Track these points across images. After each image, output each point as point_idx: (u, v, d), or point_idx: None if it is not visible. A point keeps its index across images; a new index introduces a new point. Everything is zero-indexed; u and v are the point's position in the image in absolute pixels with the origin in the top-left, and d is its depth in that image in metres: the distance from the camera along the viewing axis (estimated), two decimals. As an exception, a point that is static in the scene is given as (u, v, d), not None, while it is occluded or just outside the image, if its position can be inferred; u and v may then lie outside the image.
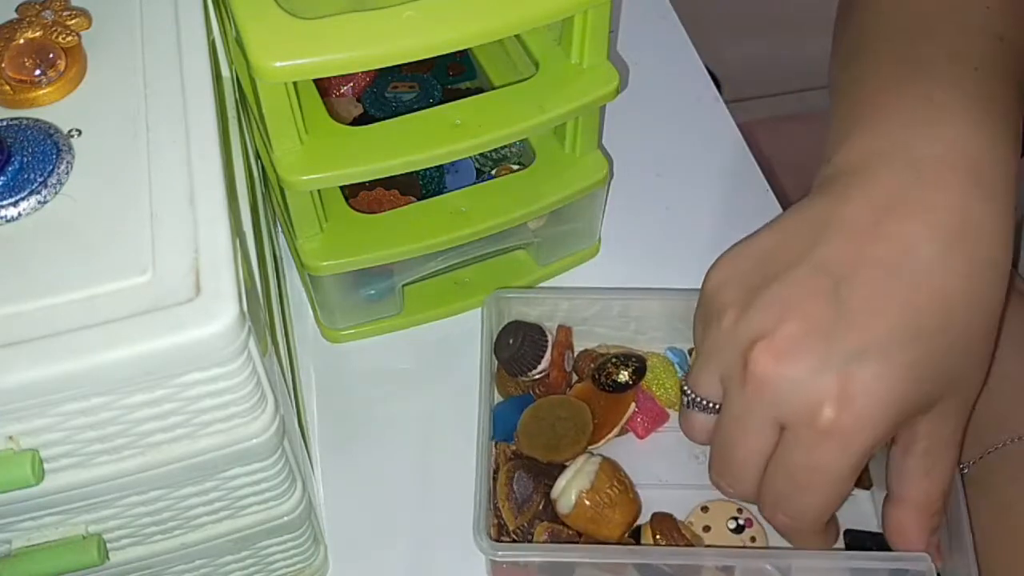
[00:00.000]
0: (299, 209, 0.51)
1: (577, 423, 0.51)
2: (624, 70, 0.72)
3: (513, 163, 0.62)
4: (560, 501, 0.49)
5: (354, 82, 0.64)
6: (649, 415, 0.54)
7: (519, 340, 0.53)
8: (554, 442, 0.51)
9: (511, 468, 0.50)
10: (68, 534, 0.38)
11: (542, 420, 0.52)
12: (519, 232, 0.58)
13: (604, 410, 0.53)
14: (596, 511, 0.48)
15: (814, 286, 0.39)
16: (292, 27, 0.43)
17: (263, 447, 0.38)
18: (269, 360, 0.40)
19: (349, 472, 0.54)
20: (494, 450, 0.51)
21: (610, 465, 0.50)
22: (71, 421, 0.33)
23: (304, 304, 0.61)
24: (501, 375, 0.55)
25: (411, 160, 0.49)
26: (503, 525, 0.49)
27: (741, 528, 0.50)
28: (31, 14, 0.40)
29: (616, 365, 0.52)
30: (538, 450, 0.51)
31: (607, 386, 0.53)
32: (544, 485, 0.50)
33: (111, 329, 0.32)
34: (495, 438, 0.52)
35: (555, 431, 0.51)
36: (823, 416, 0.38)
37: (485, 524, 0.46)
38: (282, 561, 0.47)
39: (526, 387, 0.55)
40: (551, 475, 0.50)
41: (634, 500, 0.50)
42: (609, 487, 0.49)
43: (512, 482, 0.50)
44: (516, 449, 0.52)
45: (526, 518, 0.49)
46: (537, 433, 0.51)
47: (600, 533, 0.49)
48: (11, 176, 0.36)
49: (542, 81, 0.52)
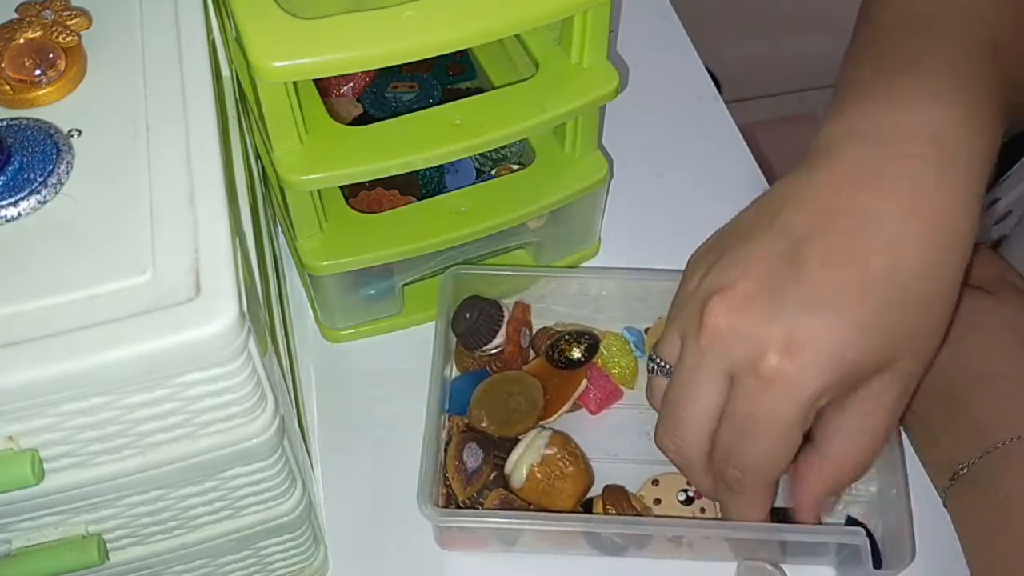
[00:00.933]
0: (299, 209, 0.51)
1: (529, 398, 0.52)
2: (624, 70, 0.72)
3: (513, 163, 0.62)
4: (513, 476, 0.50)
5: (354, 82, 0.64)
6: (602, 392, 0.55)
7: (475, 315, 0.54)
8: (506, 416, 0.52)
9: (462, 440, 0.51)
10: (68, 534, 0.38)
11: (495, 395, 0.53)
12: (519, 232, 0.58)
13: (556, 386, 0.54)
14: (548, 483, 0.49)
15: (774, 248, 0.41)
16: (292, 27, 0.43)
17: (263, 447, 0.38)
18: (269, 360, 0.40)
19: (349, 472, 0.54)
20: (447, 423, 0.53)
21: (561, 438, 0.51)
22: (71, 421, 0.33)
23: (304, 304, 0.61)
24: (459, 350, 0.57)
25: (411, 160, 0.49)
26: (452, 495, 0.50)
27: (691, 500, 0.51)
28: (31, 14, 0.40)
29: (569, 342, 0.54)
30: (490, 424, 0.52)
31: (560, 362, 0.54)
32: (495, 457, 0.50)
33: (111, 329, 0.32)
34: (449, 411, 0.53)
35: (507, 406, 0.52)
36: (767, 363, 0.39)
37: (430, 493, 0.47)
38: (282, 561, 0.47)
39: (483, 362, 0.56)
40: (503, 448, 0.51)
41: (586, 471, 0.51)
42: (560, 459, 0.50)
43: (462, 453, 0.50)
44: (469, 422, 0.53)
45: (475, 488, 0.50)
46: (490, 407, 0.52)
47: (554, 504, 0.49)
48: (11, 176, 0.36)
49: (542, 81, 0.52)
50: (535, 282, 0.57)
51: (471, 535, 0.50)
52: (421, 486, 0.47)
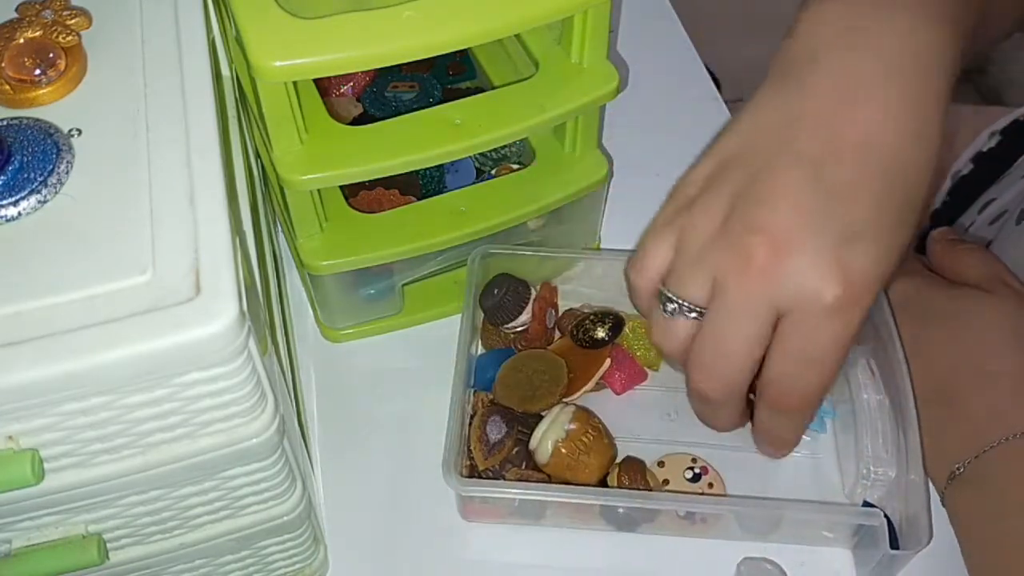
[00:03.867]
0: (299, 208, 0.51)
1: (552, 375, 0.53)
2: (624, 70, 0.72)
3: (513, 163, 0.62)
4: (538, 451, 0.50)
5: (354, 82, 0.64)
6: (627, 373, 0.56)
7: (503, 291, 0.56)
8: (530, 393, 0.53)
9: (486, 413, 0.52)
10: (68, 534, 0.38)
11: (519, 372, 0.54)
12: (519, 232, 0.58)
13: (580, 364, 0.55)
14: (572, 458, 0.50)
15: (798, 177, 0.42)
16: (292, 27, 0.43)
17: (263, 447, 0.38)
18: (269, 360, 0.40)
19: (349, 472, 0.54)
20: (473, 398, 0.54)
21: (584, 413, 0.51)
22: (71, 421, 0.33)
23: (304, 303, 0.61)
24: (486, 328, 0.58)
25: (411, 160, 0.49)
26: (474, 466, 0.51)
27: (698, 476, 0.52)
28: (31, 14, 0.40)
29: (593, 322, 0.55)
30: (514, 400, 0.53)
31: (584, 342, 0.55)
32: (517, 431, 0.51)
33: (111, 329, 0.32)
34: (475, 387, 0.54)
35: (531, 383, 0.53)
36: (827, 296, 0.40)
37: (455, 463, 0.48)
38: (282, 561, 0.47)
39: (508, 341, 0.57)
40: (526, 423, 0.52)
41: (609, 445, 0.52)
42: (584, 434, 0.50)
43: (485, 425, 0.51)
44: (493, 398, 0.54)
45: (496, 460, 0.51)
46: (514, 385, 0.53)
47: (578, 479, 0.50)
48: (11, 175, 0.36)
49: (542, 81, 0.52)
50: (561, 264, 0.58)
51: (492, 506, 0.51)
52: (447, 458, 0.47)
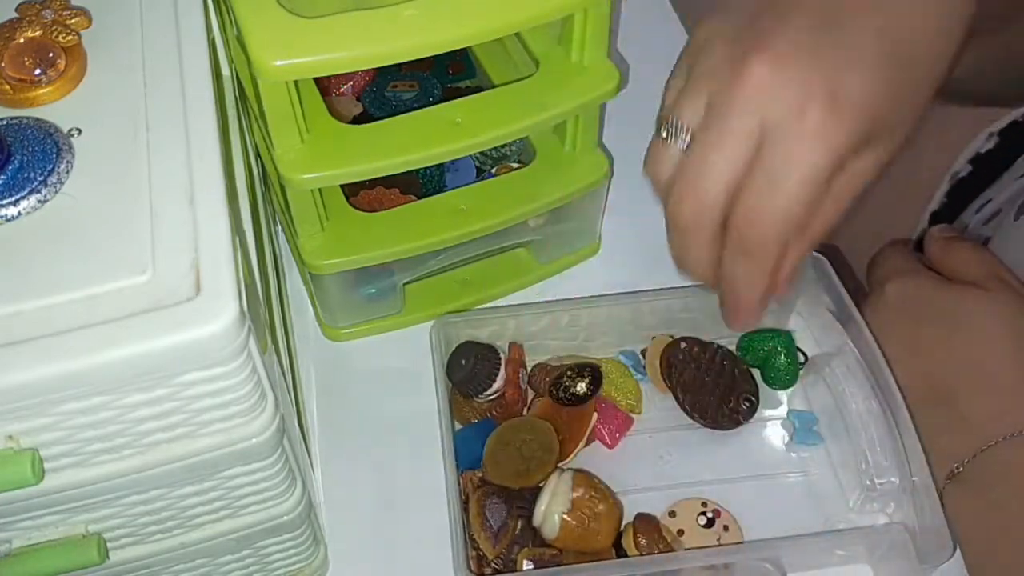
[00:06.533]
0: (300, 207, 0.51)
1: (542, 443, 0.50)
2: (624, 69, 0.72)
3: (513, 161, 0.62)
4: (545, 527, 0.48)
5: (354, 81, 0.64)
6: (614, 423, 0.54)
7: (471, 360, 0.52)
8: (523, 467, 0.50)
9: (481, 496, 0.49)
10: (68, 533, 0.38)
11: (508, 445, 0.50)
12: (519, 230, 0.58)
13: (567, 424, 0.52)
14: (582, 527, 0.48)
15: (806, 13, 0.42)
16: (293, 26, 0.43)
17: (263, 446, 0.38)
18: (269, 359, 0.40)
19: (349, 472, 0.54)
20: (460, 480, 0.50)
21: (584, 477, 0.49)
22: (71, 420, 0.33)
23: (304, 302, 0.61)
24: (456, 400, 0.54)
25: (411, 159, 0.49)
26: (482, 556, 0.48)
27: (712, 521, 0.50)
28: (31, 13, 0.40)
29: (572, 377, 0.52)
30: (508, 478, 0.50)
31: (566, 399, 0.52)
32: (517, 508, 0.49)
33: (111, 329, 0.32)
34: (460, 468, 0.50)
35: (522, 455, 0.50)
36: (810, 113, 0.40)
37: (464, 558, 0.45)
38: (282, 561, 0.47)
39: (483, 411, 0.54)
40: (523, 498, 0.49)
41: (615, 505, 0.49)
42: (589, 499, 0.48)
43: (484, 511, 0.49)
44: (483, 476, 0.51)
45: (503, 545, 0.48)
46: (505, 461, 0.50)
47: (591, 546, 0.48)
48: (11, 175, 0.36)
49: (542, 80, 0.52)
50: (526, 320, 0.55)
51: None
52: (455, 554, 0.45)
